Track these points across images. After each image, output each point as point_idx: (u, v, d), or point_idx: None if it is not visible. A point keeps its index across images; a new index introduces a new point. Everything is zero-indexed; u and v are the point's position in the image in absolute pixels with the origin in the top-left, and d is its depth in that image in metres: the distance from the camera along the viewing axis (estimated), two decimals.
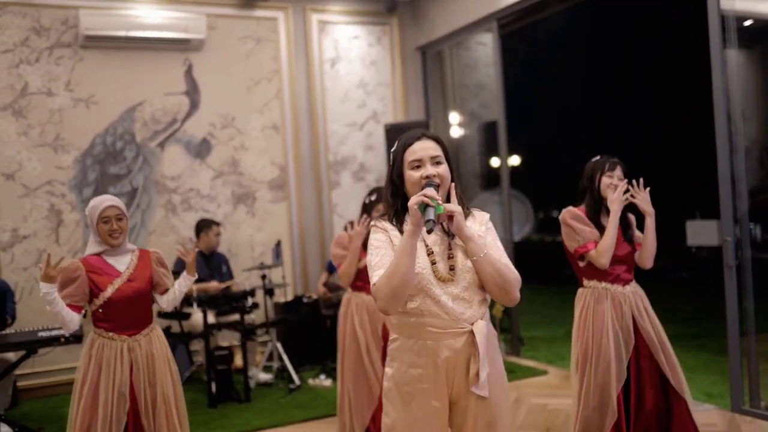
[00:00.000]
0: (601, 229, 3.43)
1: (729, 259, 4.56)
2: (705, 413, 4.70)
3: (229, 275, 6.36)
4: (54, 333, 4.92)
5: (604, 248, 3.35)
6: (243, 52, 6.99)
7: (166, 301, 3.47)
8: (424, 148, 2.23)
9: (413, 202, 2.08)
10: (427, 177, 2.20)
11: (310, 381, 6.01)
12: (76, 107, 6.34)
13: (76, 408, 3.21)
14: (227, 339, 6.39)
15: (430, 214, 2.06)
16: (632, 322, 3.40)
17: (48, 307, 3.10)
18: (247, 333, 5.79)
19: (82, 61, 6.35)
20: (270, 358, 6.27)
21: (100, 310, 3.23)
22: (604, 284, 3.44)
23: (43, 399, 5.97)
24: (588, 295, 3.47)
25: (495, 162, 8.56)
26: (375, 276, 2.17)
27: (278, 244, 6.38)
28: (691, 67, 7.28)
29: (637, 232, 3.59)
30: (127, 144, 6.54)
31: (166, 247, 6.10)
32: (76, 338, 5.05)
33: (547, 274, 12.26)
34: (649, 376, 3.41)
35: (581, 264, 3.51)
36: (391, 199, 2.31)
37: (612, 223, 3.36)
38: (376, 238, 2.26)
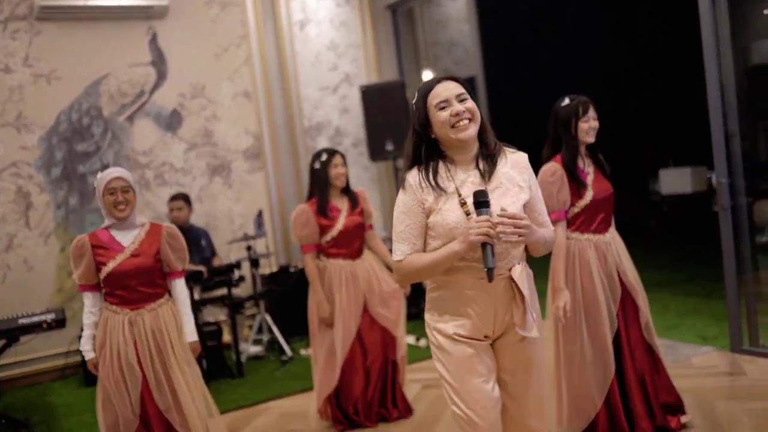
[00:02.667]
0: (577, 178, 3.31)
1: (724, 202, 4.52)
2: (705, 356, 4.70)
3: (210, 250, 6.17)
4: (35, 319, 4.72)
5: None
6: (209, 18, 6.71)
7: (175, 296, 3.35)
8: (447, 88, 2.21)
9: (476, 238, 2.04)
10: (457, 114, 2.15)
11: (302, 351, 5.90)
12: (37, 83, 6.03)
13: (100, 381, 3.20)
14: (213, 314, 6.23)
15: (490, 260, 2.04)
16: (615, 270, 3.36)
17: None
18: (236, 307, 5.63)
19: (40, 34, 6.02)
20: (259, 330, 6.13)
21: (103, 284, 3.22)
22: (586, 236, 3.36)
23: (27, 388, 5.77)
24: (572, 246, 3.35)
25: None
26: (399, 251, 2.22)
27: (260, 214, 6.20)
28: (675, 15, 7.20)
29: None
30: (94, 119, 6.26)
31: None
32: (59, 323, 4.86)
33: None
34: (636, 325, 3.42)
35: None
36: (416, 151, 2.25)
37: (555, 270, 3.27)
38: (403, 201, 2.23)
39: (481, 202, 2.09)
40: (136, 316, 3.18)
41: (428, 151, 2.24)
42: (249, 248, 5.84)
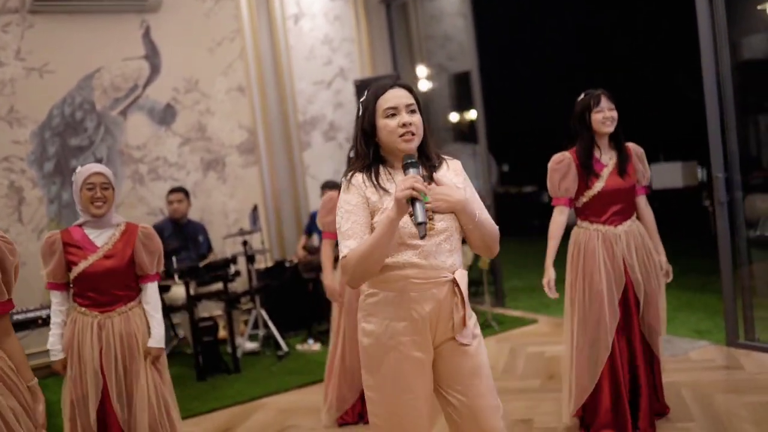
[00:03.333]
0: (589, 168, 3.39)
1: (721, 196, 4.55)
2: (702, 350, 4.73)
3: (207, 245, 6.14)
4: (30, 315, 4.70)
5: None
6: (202, 12, 6.67)
7: (146, 301, 3.20)
8: (398, 96, 2.18)
9: (402, 194, 1.97)
10: (405, 124, 2.13)
11: (298, 347, 5.88)
12: (30, 77, 5.97)
13: (67, 383, 3.09)
14: (208, 310, 6.20)
15: (420, 215, 1.96)
16: (622, 262, 3.39)
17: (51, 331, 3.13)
18: (231, 302, 5.60)
19: (32, 28, 5.96)
20: (255, 326, 6.11)
21: (72, 284, 3.09)
22: (595, 225, 3.44)
23: None
24: (580, 235, 3.47)
25: (454, 117, 8.46)
26: (345, 247, 2.11)
27: (255, 209, 6.17)
28: (669, 10, 7.21)
29: (640, 168, 3.51)
30: (87, 114, 6.21)
31: (135, 220, 5.80)
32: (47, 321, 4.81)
33: (515, 225, 12.33)
34: (635, 321, 3.45)
35: (576, 204, 3.51)
36: (365, 150, 2.22)
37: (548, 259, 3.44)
38: (347, 200, 2.17)
39: (409, 163, 2.07)
40: (105, 319, 3.05)
41: (375, 155, 2.22)
42: (245, 243, 5.81)
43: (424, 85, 8.05)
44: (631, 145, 3.51)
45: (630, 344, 3.46)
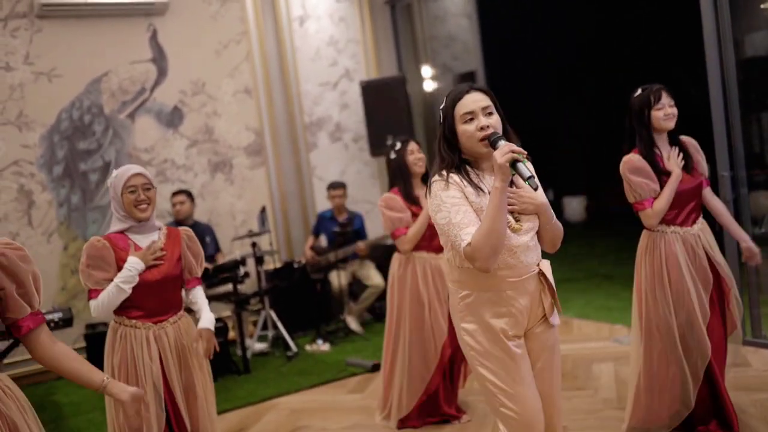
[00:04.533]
0: (657, 168, 3.23)
1: (726, 194, 4.57)
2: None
3: (214, 246, 6.19)
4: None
5: (658, 209, 3.20)
6: (208, 14, 6.70)
7: (193, 302, 3.09)
8: (474, 101, 2.26)
9: (503, 159, 2.09)
10: (482, 128, 2.22)
11: (307, 347, 5.92)
12: (38, 81, 6.01)
13: (113, 407, 2.80)
14: (218, 311, 6.23)
15: (525, 171, 2.07)
16: (708, 261, 3.27)
17: (118, 287, 2.79)
18: (241, 303, 5.65)
19: (40, 32, 6.00)
20: (264, 327, 6.15)
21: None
22: (673, 228, 3.27)
23: (31, 387, 5.76)
24: (656, 239, 3.28)
25: None
26: (465, 234, 2.17)
27: (263, 210, 6.21)
28: (678, 18, 7.21)
29: (701, 161, 3.38)
30: (96, 117, 6.25)
31: None
32: (66, 322, 4.87)
33: None
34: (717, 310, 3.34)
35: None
36: (449, 155, 2.30)
37: (671, 186, 3.19)
38: (451, 195, 2.24)
39: (496, 138, 2.17)
40: (159, 330, 2.87)
41: (460, 159, 2.31)
42: (254, 245, 5.85)
43: (429, 86, 8.07)
44: (685, 138, 3.38)
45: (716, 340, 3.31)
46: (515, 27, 10.19)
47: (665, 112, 3.22)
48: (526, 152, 2.10)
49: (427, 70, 8.04)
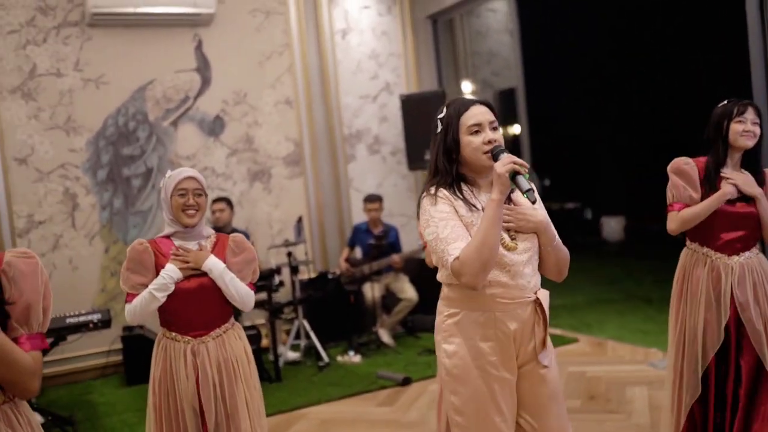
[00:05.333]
0: (711, 182, 3.00)
1: None
2: None
3: None
4: (82, 319, 4.84)
5: (684, 217, 3.00)
6: (253, 26, 6.82)
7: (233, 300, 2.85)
8: (481, 113, 2.17)
9: (503, 169, 2.02)
10: (489, 142, 2.13)
11: (339, 358, 5.95)
12: (86, 88, 6.17)
13: (152, 418, 2.76)
14: (251, 318, 6.31)
15: (524, 183, 2.00)
16: (731, 299, 2.97)
17: (151, 294, 2.68)
18: (275, 312, 5.70)
19: (90, 40, 6.17)
20: (297, 336, 6.19)
21: (163, 305, 2.72)
22: (705, 249, 3.06)
23: (69, 386, 5.89)
24: (687, 257, 3.13)
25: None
26: (454, 249, 2.07)
27: (299, 220, 6.27)
28: (724, 32, 7.14)
29: None
30: (140, 124, 6.39)
31: None
32: (105, 323, 4.97)
33: None
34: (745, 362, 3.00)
35: None
36: (447, 167, 2.20)
37: (711, 200, 2.96)
38: (440, 209, 2.14)
39: (499, 150, 2.11)
40: (199, 344, 2.72)
41: (457, 172, 2.21)
42: (290, 254, 5.90)
43: None
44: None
45: (737, 378, 3.02)
46: (557, 44, 10.17)
47: (745, 128, 2.96)
48: (528, 165, 2.04)
49: (467, 86, 8.06)
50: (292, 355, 5.99)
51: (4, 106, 5.88)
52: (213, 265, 2.75)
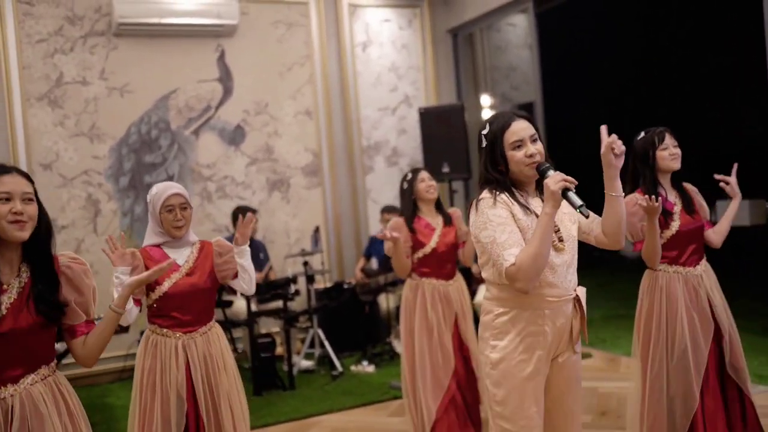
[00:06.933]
0: (665, 211, 3.23)
1: None
2: (761, 395, 4.63)
3: (266, 261, 6.33)
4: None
5: (646, 254, 3.23)
6: (275, 38, 6.93)
7: (240, 285, 3.19)
8: (522, 128, 2.34)
9: (556, 187, 2.17)
10: (531, 155, 2.29)
11: (353, 368, 5.99)
12: (111, 96, 6.31)
13: (136, 410, 2.99)
14: (267, 326, 6.38)
15: (576, 200, 2.17)
16: (708, 304, 3.25)
17: (116, 292, 2.85)
18: (290, 320, 5.76)
19: (116, 50, 6.31)
20: (311, 345, 6.24)
21: (155, 305, 3.01)
22: (675, 268, 3.28)
23: (85, 388, 5.97)
24: (658, 279, 3.28)
25: None
26: (509, 255, 2.21)
27: (317, 230, 6.34)
28: (739, 48, 7.15)
29: (703, 204, 3.42)
30: (162, 132, 6.51)
31: (201, 236, 6.02)
32: (123, 328, 5.01)
33: None
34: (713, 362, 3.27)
35: None
36: (498, 176, 2.36)
37: (651, 230, 3.14)
38: (497, 213, 2.28)
39: (546, 167, 2.26)
40: (188, 340, 3.00)
41: (504, 180, 2.37)
42: (306, 264, 5.97)
43: (487, 115, 8.13)
44: (687, 185, 3.42)
45: (723, 388, 3.28)
46: (576, 60, 10.18)
47: (670, 152, 3.26)
48: (576, 182, 2.18)
49: (486, 100, 8.10)
50: (306, 364, 6.05)
51: (31, 113, 6.02)
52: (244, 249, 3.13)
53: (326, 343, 5.99)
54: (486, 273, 2.39)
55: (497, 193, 2.31)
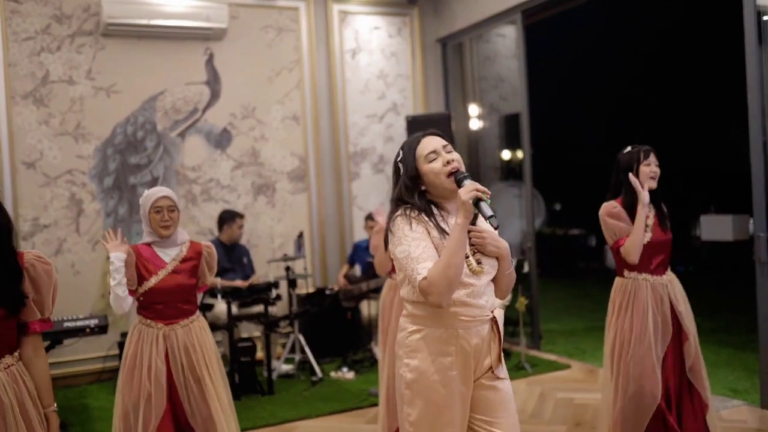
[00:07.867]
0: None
1: (762, 255, 4.52)
2: (734, 410, 4.67)
3: (250, 267, 6.33)
4: (79, 323, 4.90)
5: (630, 245, 3.44)
6: (264, 42, 6.94)
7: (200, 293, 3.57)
8: (433, 141, 2.34)
9: (467, 197, 2.15)
10: (448, 162, 2.26)
11: (332, 374, 5.98)
12: (97, 96, 6.29)
13: (120, 393, 3.28)
14: (248, 330, 6.36)
15: (487, 210, 2.15)
16: (670, 309, 3.48)
17: (113, 280, 3.18)
18: (271, 325, 5.75)
19: (104, 50, 6.30)
20: (292, 350, 6.23)
21: (142, 298, 3.31)
22: (644, 275, 3.52)
23: (64, 389, 5.94)
24: (628, 285, 3.54)
25: (506, 154, 8.55)
26: (422, 269, 2.18)
27: (300, 235, 6.34)
28: (722, 63, 7.22)
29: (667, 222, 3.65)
30: (148, 133, 6.50)
31: None
32: (101, 329, 5.03)
33: (560, 267, 12.25)
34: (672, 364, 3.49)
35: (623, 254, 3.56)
36: (412, 199, 2.30)
37: (639, 215, 3.43)
38: (414, 229, 2.25)
39: (462, 176, 2.23)
40: (169, 331, 3.29)
41: (421, 199, 2.31)
42: (288, 269, 5.97)
43: (474, 124, 8.16)
44: (662, 203, 3.65)
45: (679, 390, 3.52)
46: (563, 72, 10.25)
47: (652, 170, 3.48)
48: (489, 192, 2.17)
49: (473, 109, 8.14)
50: (286, 368, 6.03)
51: (16, 111, 6.00)
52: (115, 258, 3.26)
53: (307, 349, 5.98)
54: (403, 291, 2.35)
55: (411, 210, 2.27)
